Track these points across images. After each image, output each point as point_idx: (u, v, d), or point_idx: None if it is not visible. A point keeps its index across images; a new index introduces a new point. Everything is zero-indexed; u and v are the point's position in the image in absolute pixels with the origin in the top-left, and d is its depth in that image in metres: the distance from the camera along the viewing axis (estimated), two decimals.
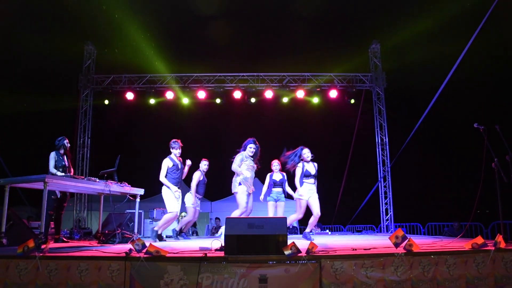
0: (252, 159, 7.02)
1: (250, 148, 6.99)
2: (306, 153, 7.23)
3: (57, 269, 3.79)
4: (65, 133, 7.25)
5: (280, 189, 8.44)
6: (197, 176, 8.32)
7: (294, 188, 7.51)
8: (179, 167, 7.29)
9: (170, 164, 7.15)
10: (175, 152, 7.32)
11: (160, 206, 10.53)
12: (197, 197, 8.37)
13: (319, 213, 7.08)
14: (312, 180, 7.20)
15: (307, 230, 7.43)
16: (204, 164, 8.56)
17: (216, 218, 12.85)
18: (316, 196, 7.16)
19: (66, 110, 13.99)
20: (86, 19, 13.42)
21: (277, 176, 8.50)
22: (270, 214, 8.29)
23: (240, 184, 6.79)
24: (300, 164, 7.19)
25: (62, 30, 13.54)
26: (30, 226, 7.58)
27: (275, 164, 8.50)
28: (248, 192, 6.82)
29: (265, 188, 8.62)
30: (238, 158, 6.95)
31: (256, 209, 7.93)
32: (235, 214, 6.72)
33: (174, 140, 7.38)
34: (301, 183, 7.12)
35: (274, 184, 8.45)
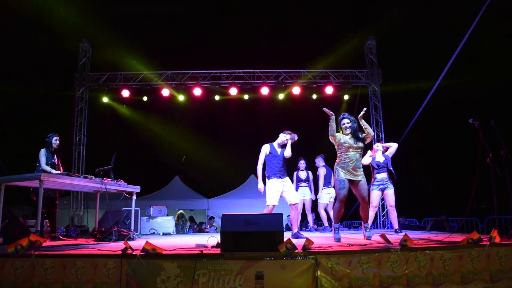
0: (347, 134, 5.59)
1: (343, 122, 5.67)
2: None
3: (53, 267, 3.78)
4: (61, 131, 7.22)
5: (385, 174, 7.49)
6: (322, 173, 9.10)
7: None
8: (278, 154, 6.57)
9: (268, 151, 6.58)
10: (281, 139, 6.59)
11: (157, 204, 10.52)
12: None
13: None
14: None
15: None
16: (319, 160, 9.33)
17: (211, 217, 12.74)
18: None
19: (62, 108, 13.96)
20: (81, 16, 13.37)
21: (380, 157, 7.58)
22: (374, 204, 7.46)
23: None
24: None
25: (57, 27, 13.47)
26: (26, 224, 7.55)
27: (378, 144, 7.78)
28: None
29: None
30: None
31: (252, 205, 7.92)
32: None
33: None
34: None
35: (378, 167, 7.48)
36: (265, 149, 6.60)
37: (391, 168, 7.51)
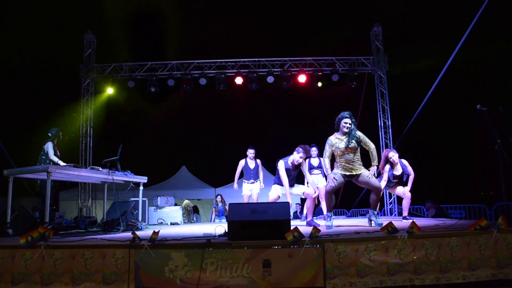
0: (344, 138, 5.60)
1: (345, 121, 5.58)
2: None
3: (62, 258, 3.83)
4: (68, 123, 7.25)
5: (395, 182, 7.48)
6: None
7: None
8: (291, 173, 6.77)
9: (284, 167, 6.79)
10: (295, 159, 6.68)
11: (164, 194, 10.57)
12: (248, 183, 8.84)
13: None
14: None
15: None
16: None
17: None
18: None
19: (68, 100, 13.99)
20: (85, 6, 13.34)
21: (397, 168, 7.43)
22: None
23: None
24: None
25: (61, 18, 13.47)
26: (35, 216, 7.63)
27: (393, 153, 7.50)
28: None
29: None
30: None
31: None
32: None
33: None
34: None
35: (393, 179, 7.43)
36: (282, 166, 6.73)
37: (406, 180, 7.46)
